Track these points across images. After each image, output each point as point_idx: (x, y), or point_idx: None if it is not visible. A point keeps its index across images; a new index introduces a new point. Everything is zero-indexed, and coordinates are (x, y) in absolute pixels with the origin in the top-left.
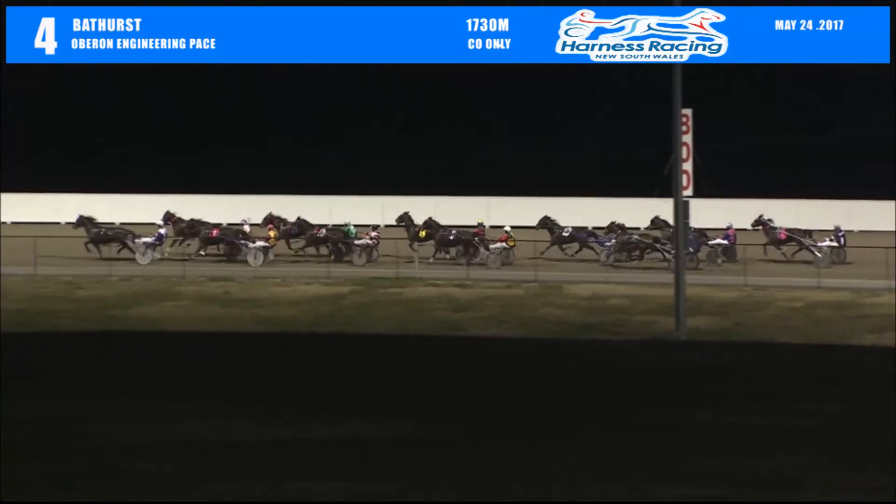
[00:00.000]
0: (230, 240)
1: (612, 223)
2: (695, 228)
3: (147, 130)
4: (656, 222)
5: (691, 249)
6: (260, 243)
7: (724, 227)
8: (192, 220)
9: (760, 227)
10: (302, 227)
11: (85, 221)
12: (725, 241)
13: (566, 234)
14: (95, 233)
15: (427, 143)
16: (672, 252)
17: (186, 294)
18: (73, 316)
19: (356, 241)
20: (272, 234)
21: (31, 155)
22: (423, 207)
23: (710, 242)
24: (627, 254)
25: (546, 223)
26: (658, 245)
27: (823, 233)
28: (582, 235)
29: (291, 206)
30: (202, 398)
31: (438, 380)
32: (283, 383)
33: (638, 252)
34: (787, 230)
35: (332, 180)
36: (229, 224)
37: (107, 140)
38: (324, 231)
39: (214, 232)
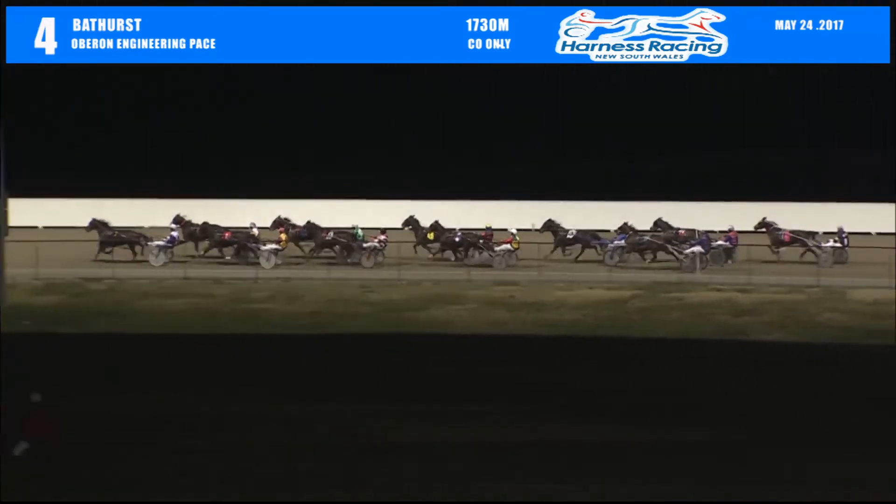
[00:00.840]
0: (242, 242)
1: (625, 224)
2: (698, 230)
3: (147, 131)
4: (659, 224)
5: (702, 250)
6: (271, 246)
7: (726, 229)
8: (204, 223)
9: (764, 230)
10: (311, 230)
11: (98, 224)
12: (727, 243)
13: (570, 237)
14: (108, 236)
15: (426, 145)
16: (682, 253)
17: (473, 298)
18: (368, 318)
19: (364, 244)
20: (283, 236)
21: (32, 159)
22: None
23: (712, 244)
24: (640, 254)
25: (550, 226)
26: (669, 246)
27: (828, 235)
28: (585, 237)
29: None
30: (489, 400)
31: (724, 384)
32: (563, 386)
33: (650, 253)
34: (792, 232)
35: (335, 183)
36: (230, 228)
37: (108, 142)
38: (332, 234)
39: (227, 235)
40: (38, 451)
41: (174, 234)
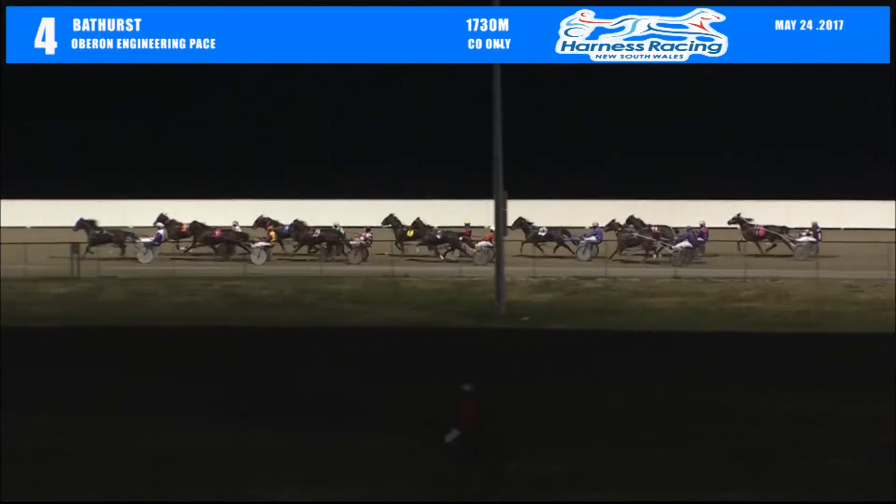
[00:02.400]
0: (232, 240)
1: (613, 221)
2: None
3: (136, 133)
4: (632, 221)
5: (690, 245)
6: (262, 243)
7: (698, 224)
8: (193, 221)
9: (738, 225)
10: (298, 228)
11: (86, 224)
12: (700, 239)
13: (542, 234)
14: (96, 235)
15: (419, 145)
16: (671, 247)
17: None
18: (854, 317)
19: (351, 242)
20: (272, 234)
21: (28, 162)
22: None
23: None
24: (625, 249)
25: (521, 223)
26: (657, 242)
27: (802, 229)
28: (557, 234)
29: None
30: None
31: None
32: None
33: (642, 248)
34: (766, 227)
35: (319, 184)
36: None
37: (99, 145)
38: (318, 231)
39: (217, 233)
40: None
41: (161, 232)
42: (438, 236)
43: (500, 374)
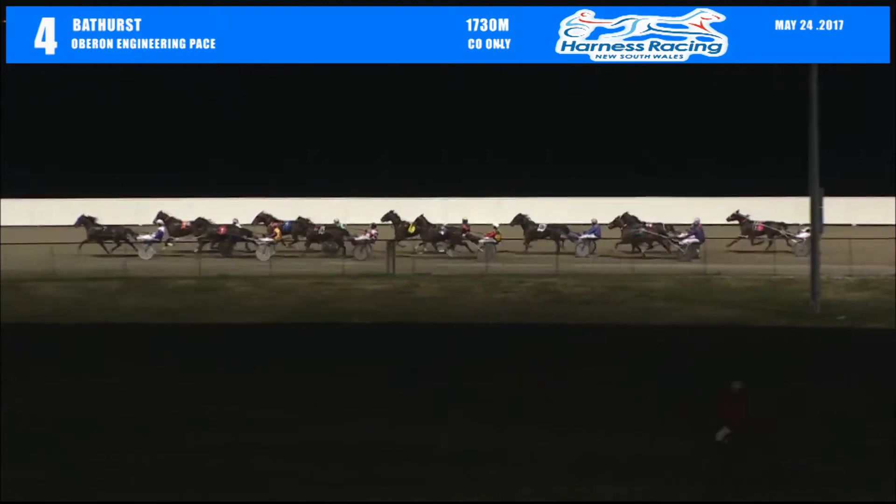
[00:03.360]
0: (236, 236)
1: (617, 218)
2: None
3: (136, 133)
4: (626, 218)
5: (697, 240)
6: (267, 239)
7: (692, 221)
8: (199, 218)
9: (737, 221)
10: (303, 224)
11: (86, 221)
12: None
13: (541, 230)
14: (96, 231)
15: (419, 144)
16: (676, 242)
17: None
18: None
19: (356, 238)
20: (278, 231)
21: (28, 160)
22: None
23: (680, 235)
24: (633, 246)
25: (520, 220)
26: (664, 237)
27: (802, 226)
28: (556, 231)
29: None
30: None
31: None
32: None
33: (645, 244)
34: (764, 223)
35: (320, 181)
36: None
37: (98, 144)
38: (323, 228)
39: (222, 230)
40: None
41: (161, 229)
42: (442, 232)
43: (810, 372)
